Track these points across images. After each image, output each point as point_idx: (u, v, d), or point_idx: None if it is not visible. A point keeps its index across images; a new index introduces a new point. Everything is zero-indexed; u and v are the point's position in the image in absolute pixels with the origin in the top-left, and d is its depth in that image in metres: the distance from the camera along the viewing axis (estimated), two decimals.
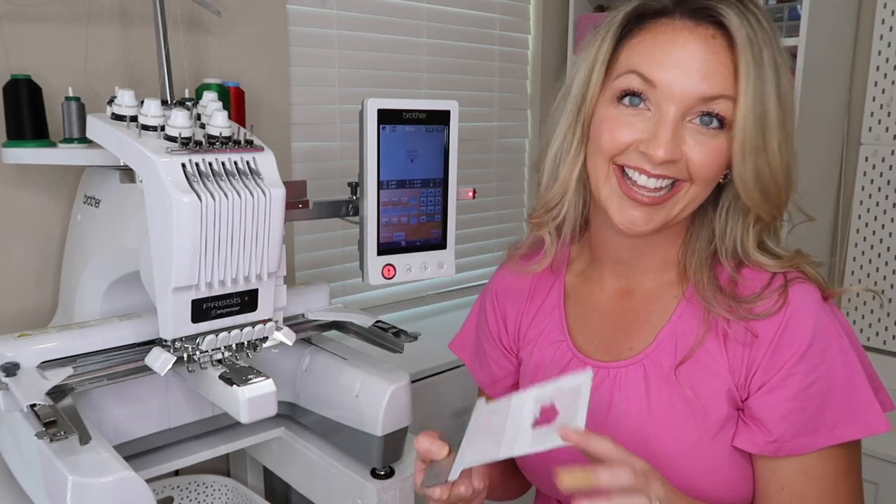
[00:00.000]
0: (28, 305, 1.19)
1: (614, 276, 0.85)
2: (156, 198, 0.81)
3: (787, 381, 0.71)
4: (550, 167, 0.82)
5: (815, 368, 0.71)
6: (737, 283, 0.76)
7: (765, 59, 0.68)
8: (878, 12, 1.77)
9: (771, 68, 0.69)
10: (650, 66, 0.70)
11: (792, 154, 0.72)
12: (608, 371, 0.81)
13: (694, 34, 0.70)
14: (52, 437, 0.76)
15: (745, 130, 0.69)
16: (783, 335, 0.72)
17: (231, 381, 0.90)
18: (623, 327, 0.83)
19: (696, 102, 0.69)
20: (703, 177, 0.72)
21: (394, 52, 1.74)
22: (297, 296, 1.16)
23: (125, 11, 1.21)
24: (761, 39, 0.69)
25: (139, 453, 1.04)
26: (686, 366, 0.76)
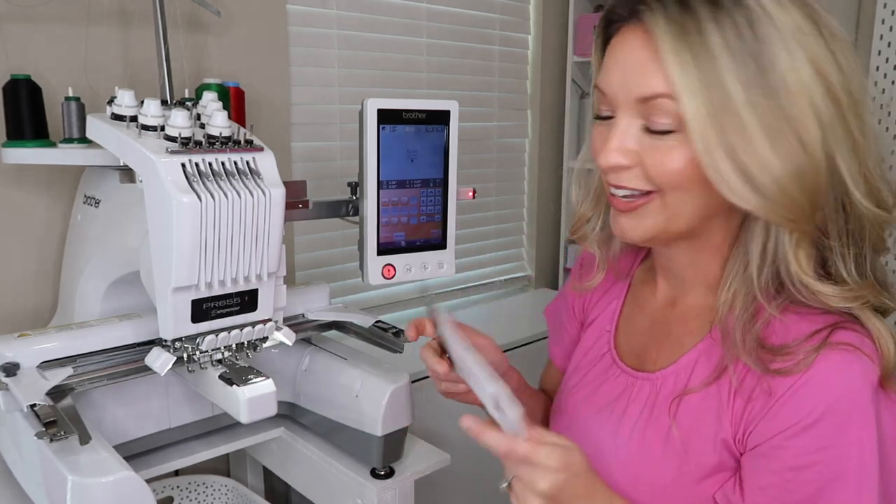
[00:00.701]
0: (28, 305, 1.19)
1: (665, 285, 0.81)
2: (156, 198, 0.81)
3: (779, 452, 0.63)
4: (578, 177, 0.81)
5: (817, 450, 0.61)
6: (771, 324, 0.66)
7: (712, 45, 0.59)
8: (878, 12, 1.77)
9: (726, 52, 0.59)
10: (600, 76, 0.68)
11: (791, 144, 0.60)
12: (627, 378, 0.79)
13: (628, 35, 0.65)
14: (52, 437, 0.76)
15: (701, 128, 0.60)
16: (790, 398, 0.62)
17: (231, 381, 0.90)
18: (658, 338, 0.79)
19: (636, 105, 0.64)
20: (669, 183, 0.65)
21: (394, 52, 1.74)
22: (297, 296, 1.16)
23: (125, 11, 1.21)
24: (705, 23, 0.59)
25: (139, 453, 1.04)
26: (688, 402, 0.71)
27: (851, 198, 0.63)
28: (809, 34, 0.61)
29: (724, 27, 0.59)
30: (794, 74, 0.60)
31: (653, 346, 0.79)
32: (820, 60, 0.60)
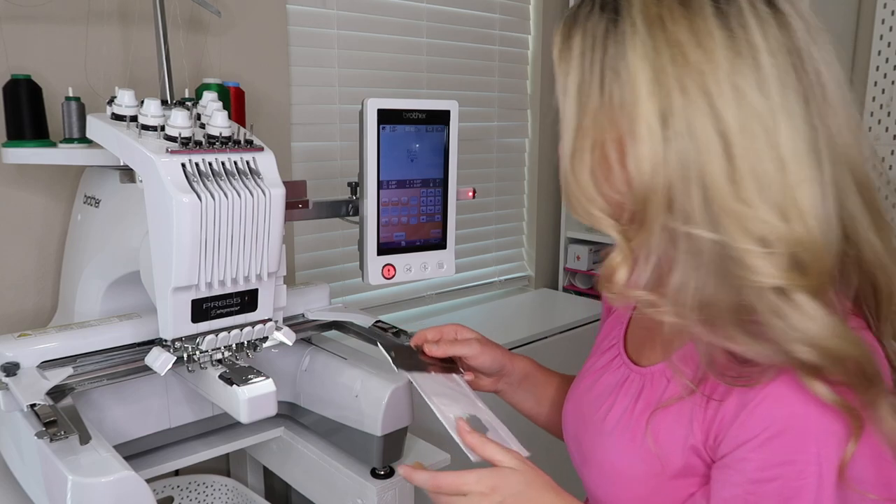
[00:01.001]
0: (28, 305, 1.19)
1: None
2: (156, 198, 0.81)
3: (743, 465, 0.62)
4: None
5: (778, 465, 0.60)
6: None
7: (571, 47, 0.62)
8: (878, 12, 1.77)
9: (561, 57, 0.62)
10: None
11: (583, 156, 0.62)
12: (625, 370, 0.78)
13: None
14: (52, 436, 0.76)
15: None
16: (755, 409, 0.61)
17: (231, 381, 0.90)
18: (657, 334, 0.77)
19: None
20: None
21: (394, 52, 1.74)
22: (297, 296, 1.16)
23: (125, 11, 1.21)
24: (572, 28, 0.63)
25: (139, 453, 1.04)
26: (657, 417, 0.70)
27: None
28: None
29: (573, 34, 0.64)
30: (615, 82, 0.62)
31: (652, 342, 0.78)
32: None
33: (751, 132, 0.56)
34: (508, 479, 0.67)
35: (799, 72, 0.58)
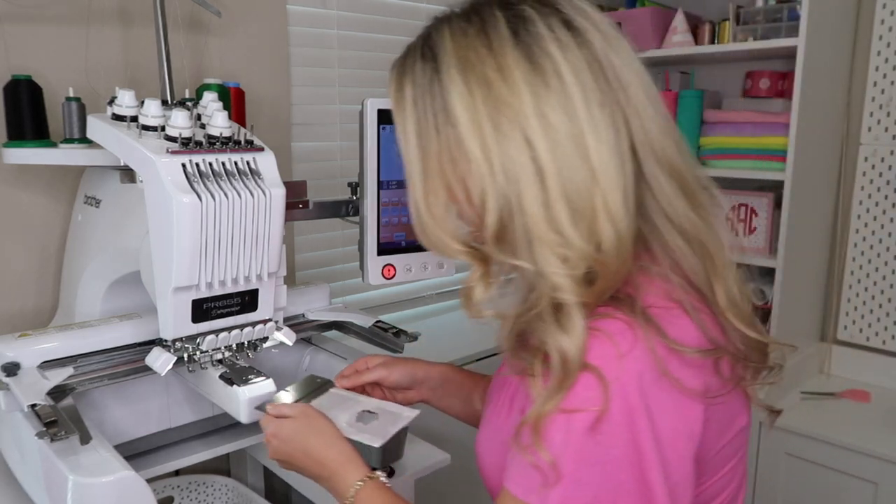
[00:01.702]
0: (28, 305, 1.19)
1: None
2: (156, 198, 0.81)
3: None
4: None
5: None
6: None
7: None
8: (878, 13, 1.77)
9: (399, 114, 0.68)
10: None
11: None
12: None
13: None
14: (52, 436, 0.76)
15: None
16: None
17: (231, 380, 0.90)
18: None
19: None
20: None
21: (394, 53, 1.73)
22: (297, 296, 1.16)
23: (125, 11, 1.22)
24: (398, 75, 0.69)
25: (139, 453, 1.04)
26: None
27: None
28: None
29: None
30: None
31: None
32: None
33: (561, 153, 0.60)
34: (283, 426, 0.83)
35: (601, 83, 0.62)
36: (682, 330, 0.62)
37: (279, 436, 0.83)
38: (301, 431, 0.82)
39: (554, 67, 0.61)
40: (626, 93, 0.63)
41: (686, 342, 0.61)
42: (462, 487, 1.60)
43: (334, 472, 0.79)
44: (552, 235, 0.61)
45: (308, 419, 0.83)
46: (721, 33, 1.84)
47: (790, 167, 1.64)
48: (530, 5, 0.63)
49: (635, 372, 0.59)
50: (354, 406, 0.90)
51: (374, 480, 0.77)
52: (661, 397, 0.59)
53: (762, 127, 1.74)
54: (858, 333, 1.89)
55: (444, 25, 0.67)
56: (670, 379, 0.60)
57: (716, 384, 0.64)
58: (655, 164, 0.64)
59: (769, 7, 1.75)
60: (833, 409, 1.73)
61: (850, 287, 1.90)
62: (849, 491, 1.60)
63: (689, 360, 0.61)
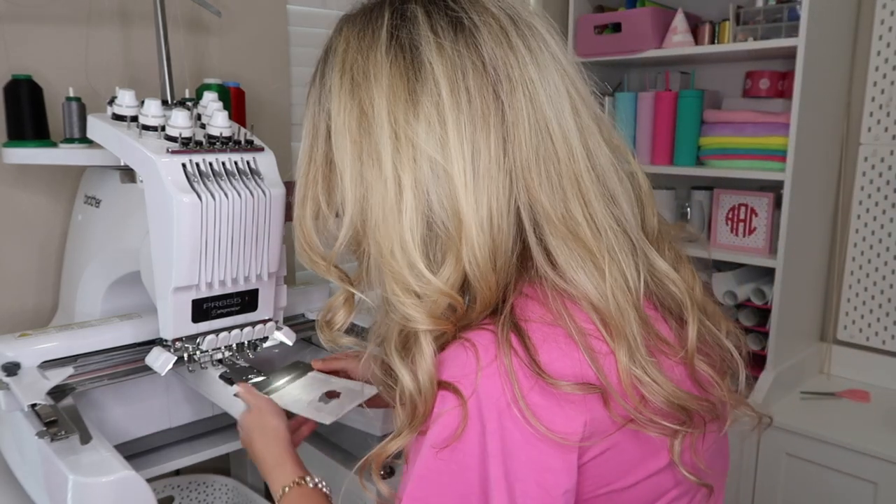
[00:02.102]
0: (28, 305, 1.19)
1: None
2: (156, 198, 0.81)
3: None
4: None
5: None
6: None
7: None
8: (878, 13, 1.77)
9: (304, 120, 0.65)
10: None
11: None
12: None
13: None
14: (52, 436, 0.76)
15: None
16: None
17: (231, 380, 0.90)
18: None
19: None
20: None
21: None
22: (297, 296, 1.16)
23: (125, 11, 1.22)
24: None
25: (140, 453, 1.04)
26: None
27: None
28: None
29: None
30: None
31: None
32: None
33: (419, 174, 0.55)
34: (244, 417, 0.86)
35: (485, 92, 0.55)
36: (560, 355, 0.54)
37: (241, 424, 0.86)
38: (251, 426, 0.85)
39: (428, 74, 0.55)
40: (516, 102, 0.56)
41: (559, 372, 0.53)
42: None
43: (269, 473, 0.80)
44: (401, 264, 0.56)
45: (260, 416, 0.85)
46: (721, 33, 1.84)
47: (790, 167, 1.64)
48: (420, 2, 0.58)
49: (495, 388, 0.53)
50: (323, 387, 0.94)
51: (300, 486, 0.77)
52: (512, 430, 0.52)
53: (762, 127, 1.74)
54: (858, 333, 1.89)
55: (344, 24, 0.62)
56: (526, 415, 0.52)
57: (605, 422, 0.55)
58: (541, 185, 0.56)
59: (769, 7, 1.75)
60: (833, 409, 1.73)
61: (850, 287, 1.90)
62: (849, 491, 1.60)
63: (561, 394, 0.53)
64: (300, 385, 0.95)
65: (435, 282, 0.56)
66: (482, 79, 0.56)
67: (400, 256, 0.56)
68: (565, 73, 0.59)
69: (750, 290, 1.82)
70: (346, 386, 0.94)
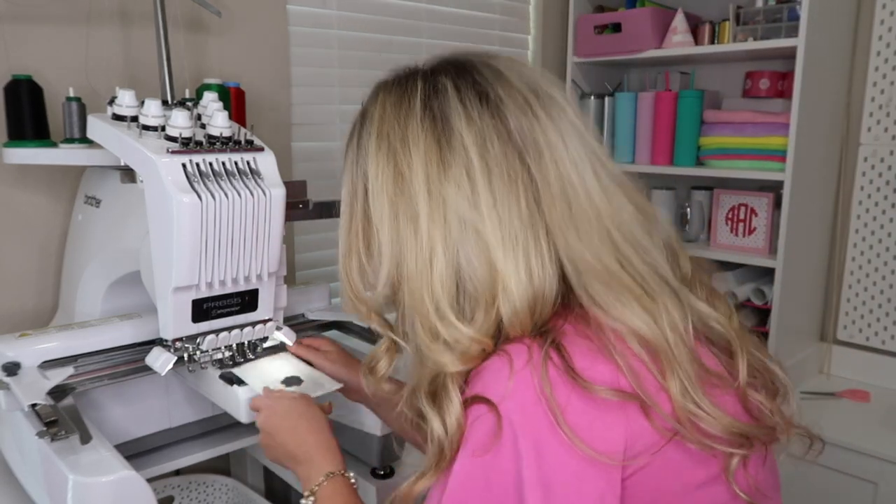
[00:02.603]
0: (28, 305, 1.19)
1: None
2: (156, 198, 0.81)
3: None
4: None
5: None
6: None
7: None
8: (877, 13, 1.77)
9: (344, 174, 0.72)
10: None
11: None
12: None
13: None
14: (52, 436, 0.76)
15: None
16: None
17: (231, 380, 0.90)
18: None
19: None
20: None
21: (394, 52, 1.74)
22: (297, 296, 1.16)
23: (125, 11, 1.22)
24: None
25: (140, 453, 1.04)
26: None
27: None
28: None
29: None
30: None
31: None
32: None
33: (452, 233, 0.60)
34: (281, 400, 0.84)
35: (511, 158, 0.60)
36: (596, 363, 0.57)
37: (274, 408, 0.84)
38: (295, 410, 0.83)
39: (458, 142, 0.60)
40: (543, 156, 0.61)
41: (596, 378, 0.55)
42: None
43: (311, 458, 0.78)
44: (432, 314, 0.60)
45: (306, 403, 0.84)
46: (721, 33, 1.84)
47: (790, 167, 1.64)
48: (450, 76, 0.64)
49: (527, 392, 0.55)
50: (288, 370, 0.94)
51: (343, 477, 0.76)
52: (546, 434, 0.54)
53: (762, 127, 1.74)
54: (858, 333, 1.90)
55: (379, 92, 0.68)
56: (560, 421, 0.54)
57: (648, 434, 0.56)
58: (578, 239, 0.60)
59: (769, 7, 1.75)
60: (833, 409, 1.73)
61: (849, 287, 1.90)
62: (849, 491, 1.60)
63: (601, 402, 0.55)
64: (267, 363, 0.95)
65: (465, 330, 0.59)
66: (507, 146, 0.60)
67: (430, 307, 0.60)
68: (584, 139, 0.64)
69: (750, 290, 1.82)
70: (310, 376, 0.94)
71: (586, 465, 0.54)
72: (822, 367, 1.95)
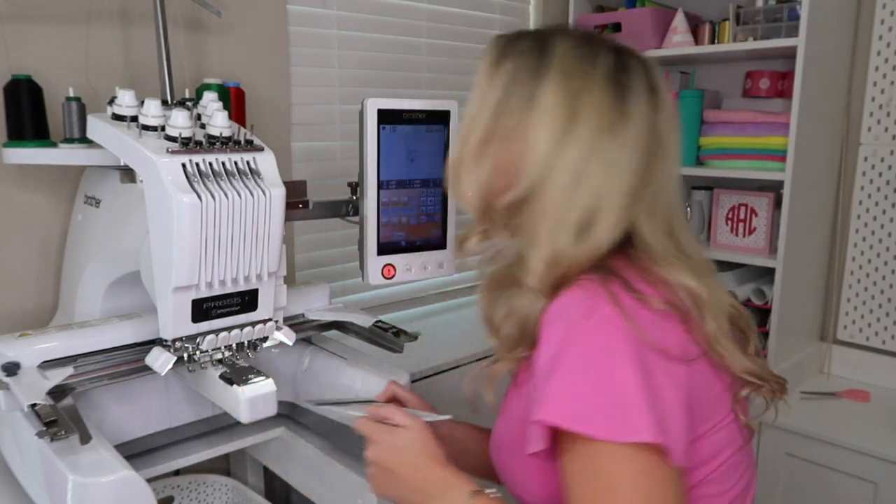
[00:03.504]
0: (28, 305, 1.19)
1: None
2: (156, 198, 0.81)
3: (546, 382, 0.71)
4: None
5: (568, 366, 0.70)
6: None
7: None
8: (877, 13, 1.77)
9: (486, 81, 0.78)
10: None
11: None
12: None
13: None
14: (52, 436, 0.76)
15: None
16: (540, 343, 0.72)
17: (231, 380, 0.90)
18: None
19: None
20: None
21: (394, 52, 1.74)
22: (297, 296, 1.16)
23: (125, 11, 1.22)
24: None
25: (139, 453, 1.04)
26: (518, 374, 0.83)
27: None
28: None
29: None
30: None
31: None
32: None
33: (603, 177, 0.72)
34: (399, 435, 0.81)
35: (653, 139, 0.75)
36: (649, 286, 0.71)
37: (392, 445, 0.81)
38: (417, 444, 0.80)
39: (630, 113, 0.73)
40: (665, 153, 0.76)
41: (649, 293, 0.70)
42: None
43: (446, 490, 0.76)
44: (554, 231, 0.72)
45: (424, 435, 0.81)
46: (721, 33, 1.84)
47: (790, 167, 1.64)
48: (636, 61, 0.77)
49: (604, 304, 0.68)
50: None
51: (484, 495, 0.75)
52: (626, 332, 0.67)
53: (762, 127, 1.74)
54: (858, 333, 1.90)
55: (565, 35, 0.77)
56: (632, 323, 0.67)
57: (690, 345, 0.71)
58: (661, 204, 0.76)
59: (769, 7, 1.75)
60: (833, 409, 1.73)
61: (850, 287, 1.90)
62: (849, 491, 1.60)
63: (656, 311, 0.69)
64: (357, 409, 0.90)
65: (570, 249, 0.72)
66: (653, 137, 0.75)
67: (557, 223, 0.72)
68: (680, 146, 0.81)
69: (750, 290, 1.82)
70: (417, 413, 0.88)
71: (660, 356, 0.67)
72: (822, 367, 1.95)
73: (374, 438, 0.82)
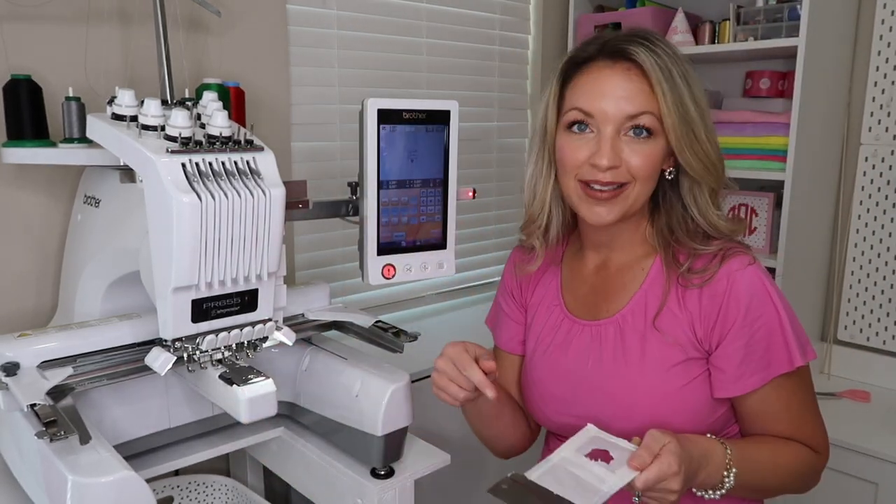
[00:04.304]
0: (28, 305, 1.19)
1: (595, 254, 1.06)
2: (156, 198, 0.81)
3: (738, 335, 0.93)
4: (529, 187, 1.04)
5: (755, 321, 0.93)
6: (694, 257, 0.97)
7: (675, 76, 0.91)
8: (878, 12, 1.77)
9: (682, 81, 0.92)
10: (585, 101, 0.93)
11: (714, 136, 0.96)
12: (590, 328, 1.02)
13: (613, 70, 0.93)
14: (52, 436, 0.76)
15: (675, 130, 0.92)
16: (729, 299, 0.93)
17: (231, 380, 0.90)
18: (602, 293, 1.04)
19: (624, 120, 0.92)
20: (642, 176, 0.94)
21: (394, 52, 1.74)
22: (297, 296, 1.16)
23: (125, 11, 1.22)
24: (668, 63, 0.92)
25: (139, 453, 1.04)
26: (661, 320, 0.97)
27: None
28: (692, 70, 0.96)
29: (677, 64, 0.93)
30: (700, 91, 0.95)
31: (600, 301, 1.03)
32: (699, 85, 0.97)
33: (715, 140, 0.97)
34: (682, 451, 0.82)
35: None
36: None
37: (678, 469, 0.80)
38: (681, 452, 0.82)
39: (707, 103, 0.96)
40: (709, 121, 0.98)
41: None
42: (462, 487, 1.59)
43: (710, 453, 0.87)
44: (711, 178, 0.97)
45: (674, 442, 0.82)
46: (721, 33, 1.84)
47: (790, 167, 1.64)
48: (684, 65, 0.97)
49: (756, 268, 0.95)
50: (614, 450, 0.85)
51: (720, 438, 0.91)
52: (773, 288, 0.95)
53: (762, 127, 1.74)
54: (858, 333, 1.89)
55: (660, 41, 0.95)
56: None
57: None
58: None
59: (769, 7, 1.75)
60: (833, 409, 1.73)
61: (850, 287, 1.90)
62: (849, 491, 1.60)
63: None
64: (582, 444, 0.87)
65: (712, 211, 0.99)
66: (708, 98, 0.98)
67: (711, 179, 0.97)
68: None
69: None
70: (614, 444, 0.86)
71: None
72: (822, 367, 1.95)
73: (663, 476, 0.80)
